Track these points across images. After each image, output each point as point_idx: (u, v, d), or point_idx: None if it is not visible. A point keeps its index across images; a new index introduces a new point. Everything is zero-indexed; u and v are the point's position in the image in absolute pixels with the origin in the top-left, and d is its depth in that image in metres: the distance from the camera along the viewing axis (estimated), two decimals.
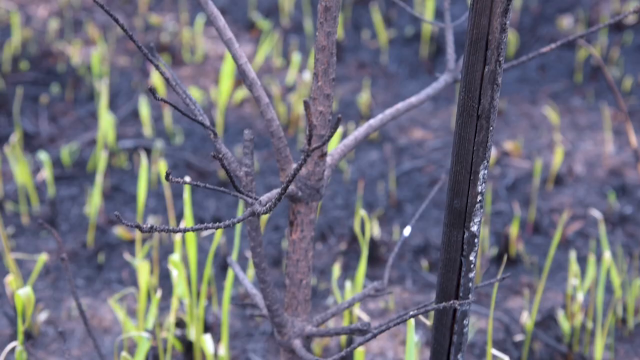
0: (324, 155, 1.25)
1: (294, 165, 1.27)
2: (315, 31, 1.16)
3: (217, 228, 1.10)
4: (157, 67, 1.14)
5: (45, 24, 2.81)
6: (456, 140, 1.08)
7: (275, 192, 1.19)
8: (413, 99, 1.36)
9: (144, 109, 2.36)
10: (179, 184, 2.23)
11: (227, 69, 2.36)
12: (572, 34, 2.80)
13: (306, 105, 0.92)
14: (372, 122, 1.34)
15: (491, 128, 1.06)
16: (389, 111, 1.35)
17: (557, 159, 2.22)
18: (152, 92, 1.05)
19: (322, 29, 1.18)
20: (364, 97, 2.51)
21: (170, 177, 1.08)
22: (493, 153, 2.34)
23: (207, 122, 1.20)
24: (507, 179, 2.28)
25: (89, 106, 2.51)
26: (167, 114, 2.46)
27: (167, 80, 1.17)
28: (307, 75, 2.47)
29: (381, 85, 2.66)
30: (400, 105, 1.36)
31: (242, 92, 2.57)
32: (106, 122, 2.24)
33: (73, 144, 2.33)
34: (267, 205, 1.11)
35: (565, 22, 2.82)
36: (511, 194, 2.24)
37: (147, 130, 2.39)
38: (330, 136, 0.96)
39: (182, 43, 2.75)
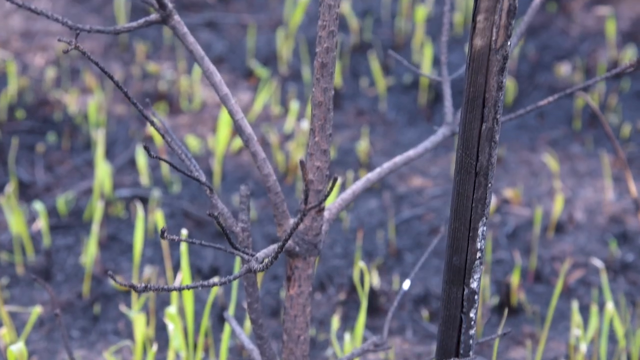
0: (321, 210, 1.24)
1: (292, 221, 1.26)
2: (312, 87, 1.16)
3: (212, 285, 1.09)
4: (152, 124, 1.13)
5: (42, 73, 2.81)
6: (454, 196, 1.07)
7: (272, 248, 1.17)
8: (411, 152, 1.35)
9: (141, 158, 2.35)
10: (175, 235, 2.21)
11: (225, 118, 2.35)
12: (570, 82, 2.80)
13: (302, 164, 0.91)
14: (370, 176, 1.32)
15: (489, 185, 1.05)
16: (386, 165, 1.34)
17: (558, 206, 2.20)
18: (146, 150, 1.04)
19: (318, 85, 1.17)
20: (362, 145, 2.50)
21: (166, 234, 1.07)
22: (493, 201, 2.33)
23: (203, 178, 1.19)
24: (507, 226, 2.27)
25: (86, 155, 2.50)
26: (165, 163, 2.46)
27: (163, 136, 1.16)
28: (305, 124, 2.47)
29: (380, 133, 2.66)
30: (398, 159, 1.35)
31: (240, 141, 2.56)
32: (103, 171, 2.23)
33: (69, 193, 2.32)
34: (264, 262, 1.09)
35: (563, 69, 2.82)
36: (511, 242, 2.22)
37: (144, 179, 2.38)
38: (327, 196, 0.94)
39: (180, 91, 2.75)
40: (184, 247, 1.62)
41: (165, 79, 2.80)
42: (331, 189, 0.88)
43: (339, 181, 2.02)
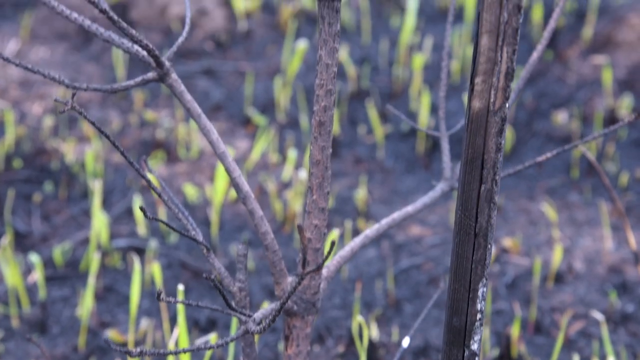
0: (319, 268, 1.23)
1: (290, 279, 1.25)
2: (310, 145, 1.15)
3: (209, 348, 1.07)
4: (148, 183, 1.12)
5: (39, 121, 2.81)
6: (454, 258, 1.06)
7: (270, 308, 1.16)
8: (410, 208, 1.35)
9: (138, 208, 2.34)
10: (173, 288, 2.19)
11: (223, 167, 2.35)
12: (568, 130, 2.80)
13: (299, 228, 0.90)
14: (369, 232, 1.32)
15: (489, 246, 1.04)
16: (385, 221, 1.34)
17: (557, 256, 2.19)
18: (142, 211, 1.03)
19: (316, 143, 1.17)
20: (360, 194, 2.50)
21: (162, 297, 1.05)
22: (492, 250, 2.31)
23: (200, 237, 1.18)
24: (506, 276, 2.25)
25: (83, 204, 2.49)
26: (162, 211, 2.44)
27: (159, 195, 1.15)
28: (303, 174, 2.46)
29: (378, 181, 2.65)
30: (396, 215, 1.34)
31: None
32: (99, 222, 2.22)
33: (66, 243, 2.30)
34: (262, 324, 1.08)
35: (560, 117, 2.83)
36: (511, 292, 2.21)
37: (141, 228, 2.37)
38: (325, 260, 0.93)
39: (178, 139, 2.75)
40: (180, 307, 1.61)
41: (162, 127, 2.80)
42: (329, 253, 0.87)
43: (337, 233, 2.01)
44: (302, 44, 2.86)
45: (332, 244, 0.88)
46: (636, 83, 2.92)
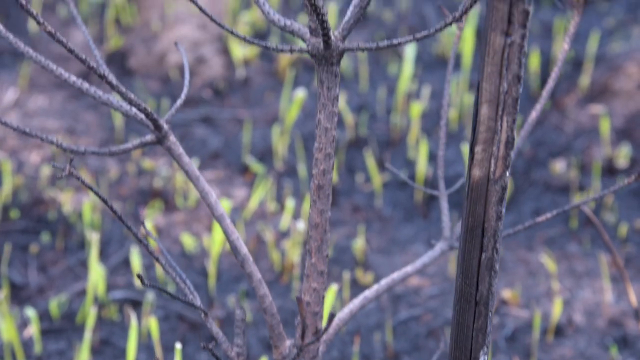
0: (317, 332, 1.21)
1: (288, 342, 1.23)
2: (310, 208, 1.14)
3: None
4: (147, 248, 1.12)
5: (37, 170, 2.80)
6: (454, 325, 1.05)
7: None
8: (409, 269, 1.34)
9: (135, 259, 2.33)
10: (170, 340, 2.17)
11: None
12: (566, 179, 2.80)
13: (299, 300, 0.89)
14: (368, 293, 1.31)
15: (490, 314, 1.03)
16: (384, 281, 1.33)
17: (557, 309, 2.18)
18: (140, 278, 1.02)
19: (315, 207, 1.16)
20: (358, 243, 2.49)
21: None
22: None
23: (198, 302, 1.17)
24: (506, 329, 2.23)
25: (80, 254, 2.48)
26: (158, 266, 2.43)
27: (157, 259, 1.14)
28: (301, 224, 2.45)
29: (376, 229, 2.64)
30: (396, 275, 1.33)
31: None
32: (96, 274, 2.20)
33: (62, 295, 2.29)
34: None
35: (558, 166, 2.83)
36: (511, 345, 2.19)
37: (139, 280, 2.35)
38: (324, 332, 0.92)
39: (175, 188, 2.74)
40: (177, 355, 1.59)
41: (160, 176, 2.79)
42: (327, 327, 0.86)
43: (335, 288, 1.99)
44: (301, 93, 2.87)
45: (331, 315, 0.87)
46: (634, 132, 2.93)
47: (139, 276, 1.02)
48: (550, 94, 1.38)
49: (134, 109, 1.19)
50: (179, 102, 1.21)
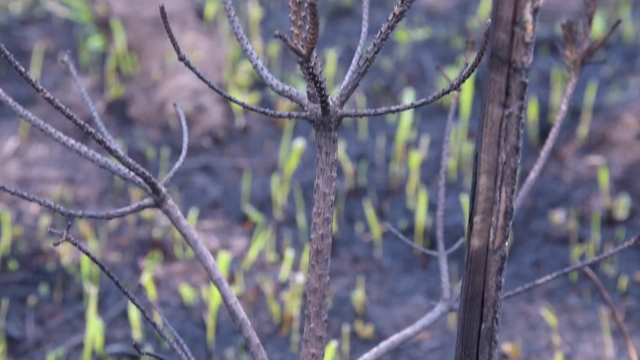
0: None
1: None
2: (308, 273, 1.14)
3: None
4: (149, 320, 1.11)
5: (36, 220, 2.80)
6: None
7: None
8: (409, 331, 1.33)
9: (134, 311, 2.31)
10: None
11: (220, 268, 2.33)
12: (565, 230, 2.80)
13: None
14: (367, 356, 1.30)
15: None
16: (384, 344, 1.32)
17: None
18: (136, 347, 1.02)
19: (313, 271, 1.16)
20: (358, 295, 2.48)
21: None
22: None
23: None
24: None
25: (78, 306, 2.47)
26: (157, 314, 2.42)
27: (160, 331, 1.13)
28: (300, 277, 2.45)
29: (375, 280, 2.63)
30: (395, 338, 1.32)
31: (235, 290, 2.53)
32: (94, 328, 2.19)
33: (60, 349, 2.27)
34: None
35: (557, 217, 2.83)
36: None
37: (137, 333, 2.34)
38: None
39: (174, 238, 2.74)
40: None
41: (159, 226, 2.79)
42: None
43: (335, 345, 1.98)
44: (300, 143, 2.88)
45: None
46: (632, 182, 2.93)
47: (135, 346, 1.01)
48: (548, 153, 1.39)
49: (132, 173, 1.19)
50: (178, 164, 1.21)
